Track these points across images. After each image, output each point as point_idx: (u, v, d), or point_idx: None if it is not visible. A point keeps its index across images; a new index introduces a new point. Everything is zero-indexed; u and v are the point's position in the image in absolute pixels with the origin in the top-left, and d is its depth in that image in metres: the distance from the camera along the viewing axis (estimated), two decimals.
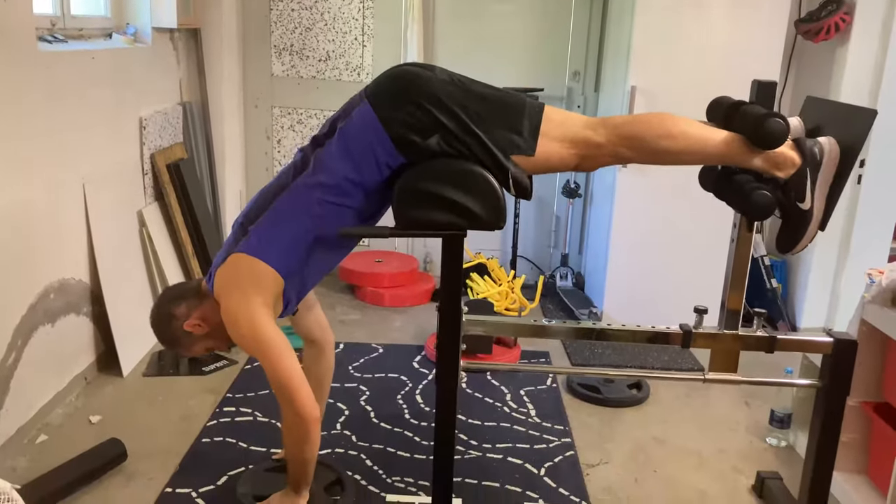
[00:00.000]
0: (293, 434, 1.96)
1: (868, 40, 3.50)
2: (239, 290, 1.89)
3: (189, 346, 2.09)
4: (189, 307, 2.03)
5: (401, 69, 1.88)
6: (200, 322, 2.03)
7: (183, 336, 2.05)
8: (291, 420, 1.93)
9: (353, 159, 1.84)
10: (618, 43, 3.83)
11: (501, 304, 3.87)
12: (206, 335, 2.06)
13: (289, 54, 4.26)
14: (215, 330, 2.02)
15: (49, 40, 2.79)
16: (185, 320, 2.03)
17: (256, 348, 1.90)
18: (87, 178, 2.95)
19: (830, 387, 2.07)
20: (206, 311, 2.02)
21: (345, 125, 1.86)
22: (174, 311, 2.04)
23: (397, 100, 1.81)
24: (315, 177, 1.86)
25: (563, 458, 2.64)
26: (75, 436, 2.62)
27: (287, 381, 1.89)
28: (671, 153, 1.88)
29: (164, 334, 2.09)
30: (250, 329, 1.88)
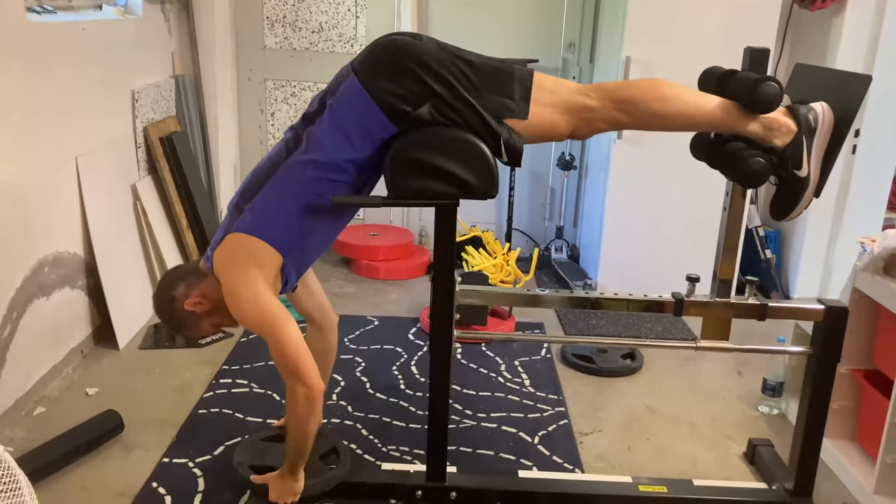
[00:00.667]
0: (297, 409, 1.91)
1: (863, 9, 3.48)
2: (238, 267, 1.88)
3: (195, 325, 2.06)
4: (188, 286, 2.01)
5: (388, 38, 1.87)
6: (201, 299, 2.00)
7: (187, 317, 2.03)
8: (296, 394, 1.89)
9: (345, 134, 1.83)
10: (613, 13, 3.80)
11: (496, 277, 3.88)
12: (210, 311, 2.02)
13: (281, 26, 4.23)
14: (218, 306, 1.99)
15: (38, 11, 2.76)
16: (185, 300, 2.00)
17: (260, 323, 1.87)
18: (79, 152, 2.93)
19: (821, 354, 2.09)
20: (205, 289, 2.00)
21: (334, 101, 1.85)
22: (174, 292, 2.01)
23: (387, 69, 1.79)
24: (308, 154, 1.85)
25: (556, 426, 2.67)
26: (72, 408, 2.63)
27: (292, 353, 1.87)
28: (665, 117, 1.87)
29: (169, 318, 2.06)
30: (253, 305, 1.86)
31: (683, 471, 2.47)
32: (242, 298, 1.87)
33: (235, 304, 1.89)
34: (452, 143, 1.80)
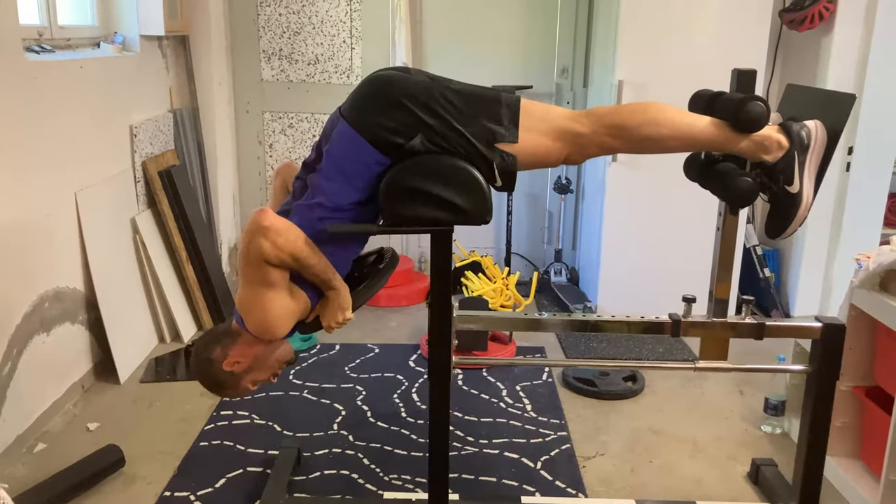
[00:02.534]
0: (270, 250, 1.77)
1: (852, 28, 3.53)
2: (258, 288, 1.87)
3: (236, 385, 2.03)
4: (224, 347, 1.99)
5: (375, 75, 1.89)
6: (239, 359, 1.98)
7: (227, 377, 2.01)
8: (260, 247, 1.77)
9: (344, 177, 1.85)
10: (605, 38, 3.85)
11: (496, 301, 3.88)
12: (248, 369, 2.01)
13: (278, 59, 4.28)
14: (256, 362, 2.00)
15: (36, 50, 2.80)
16: (223, 361, 1.98)
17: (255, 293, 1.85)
18: (78, 187, 2.96)
19: (820, 371, 2.08)
20: (241, 347, 1.98)
21: (329, 146, 1.87)
22: (211, 356, 2.00)
23: (376, 105, 1.82)
24: (313, 199, 1.87)
25: (559, 451, 2.66)
26: (74, 443, 2.63)
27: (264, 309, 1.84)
28: (657, 140, 1.89)
29: (210, 381, 2.04)
30: (259, 297, 1.84)
31: (687, 492, 2.45)
32: (252, 300, 1.86)
33: (245, 306, 1.89)
34: (445, 170, 1.82)
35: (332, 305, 1.91)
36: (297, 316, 1.91)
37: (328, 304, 1.92)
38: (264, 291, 1.83)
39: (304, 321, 1.95)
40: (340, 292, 1.91)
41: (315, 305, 1.93)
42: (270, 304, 1.84)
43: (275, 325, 1.87)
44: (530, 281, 4.17)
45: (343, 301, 1.91)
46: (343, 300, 1.91)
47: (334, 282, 1.90)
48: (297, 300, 1.88)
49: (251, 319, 1.89)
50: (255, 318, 1.88)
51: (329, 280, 1.88)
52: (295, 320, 1.91)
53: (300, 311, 1.90)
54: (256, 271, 1.81)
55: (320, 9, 4.20)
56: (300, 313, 1.91)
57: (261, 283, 1.82)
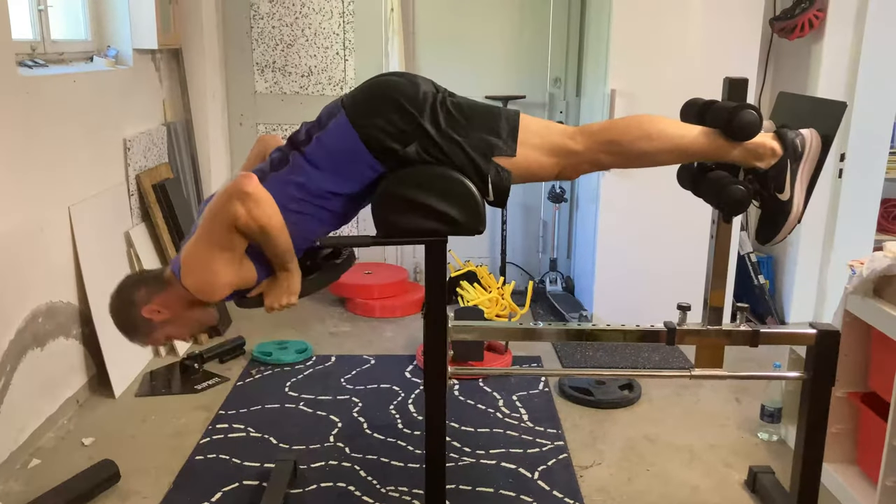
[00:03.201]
0: (244, 218, 1.75)
1: (842, 35, 3.55)
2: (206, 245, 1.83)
3: (149, 333, 1.98)
4: (150, 292, 1.94)
5: (382, 77, 1.90)
6: (160, 308, 1.93)
7: (142, 323, 1.95)
8: (235, 212, 1.74)
9: (330, 168, 1.84)
10: (596, 47, 3.86)
11: (492, 311, 3.88)
12: (166, 322, 1.96)
13: (271, 71, 4.29)
14: (177, 317, 1.95)
15: (30, 65, 2.80)
16: (144, 306, 1.93)
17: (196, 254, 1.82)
18: (72, 201, 2.96)
19: (815, 378, 2.09)
20: (167, 298, 1.93)
21: (322, 135, 1.86)
22: (133, 297, 1.95)
23: (378, 107, 1.82)
24: (293, 176, 1.85)
25: (556, 460, 2.65)
26: (68, 459, 2.61)
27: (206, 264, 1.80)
28: (650, 154, 1.90)
29: (124, 322, 1.99)
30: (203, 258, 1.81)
31: (684, 500, 2.45)
32: (195, 259, 1.83)
33: (187, 264, 1.85)
34: (438, 181, 1.82)
35: (280, 286, 1.88)
36: (239, 287, 1.88)
37: (276, 285, 1.89)
38: (219, 254, 1.79)
39: (244, 294, 1.92)
40: (293, 276, 1.88)
41: (260, 281, 1.90)
42: (219, 267, 1.80)
43: (215, 289, 1.84)
44: (526, 290, 4.17)
45: (293, 285, 1.89)
46: (293, 285, 1.89)
47: (290, 264, 1.87)
48: (245, 272, 1.85)
49: (193, 276, 1.84)
50: (198, 276, 1.83)
51: (287, 262, 1.86)
52: (234, 290, 1.88)
53: (243, 283, 1.87)
54: (220, 233, 1.77)
55: (313, 21, 4.22)
56: (242, 285, 1.88)
57: (219, 245, 1.79)
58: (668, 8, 3.55)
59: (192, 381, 3.22)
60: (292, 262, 1.87)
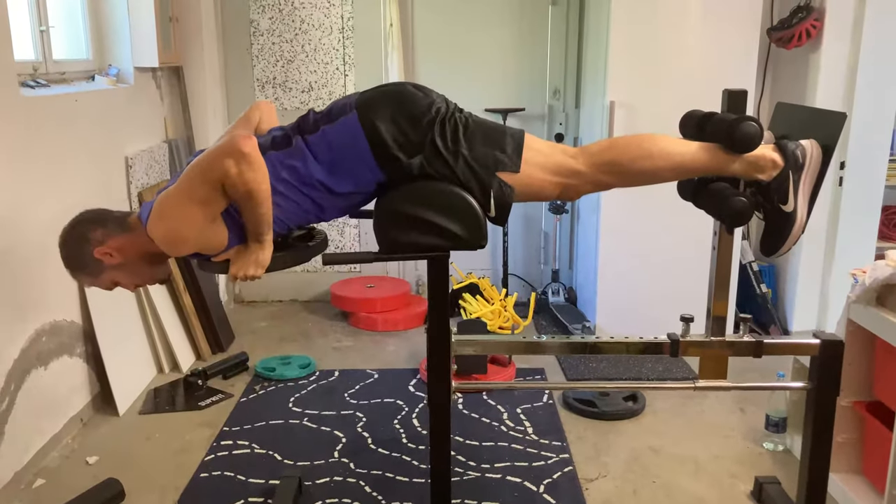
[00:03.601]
0: (232, 175, 1.71)
1: (839, 45, 3.56)
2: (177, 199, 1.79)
3: (96, 274, 1.94)
4: (105, 234, 1.89)
5: (399, 85, 1.90)
6: (113, 252, 1.88)
7: (91, 263, 1.91)
8: (224, 168, 1.70)
9: (329, 164, 1.84)
10: (595, 59, 3.88)
11: (495, 323, 3.88)
12: (117, 267, 1.91)
13: (272, 87, 4.31)
14: (129, 264, 1.91)
15: (32, 85, 2.82)
16: (97, 246, 1.89)
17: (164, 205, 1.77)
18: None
19: (820, 388, 2.08)
20: (125, 242, 1.89)
21: (329, 128, 1.85)
22: (88, 234, 1.90)
23: (391, 113, 1.81)
24: (291, 160, 1.84)
25: (561, 473, 2.64)
26: (72, 478, 2.61)
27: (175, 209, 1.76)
28: (651, 173, 1.91)
29: (71, 257, 1.94)
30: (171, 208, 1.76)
31: None
32: (165, 207, 1.79)
33: (155, 214, 1.80)
34: (440, 196, 1.83)
35: (249, 256, 1.84)
36: (205, 249, 1.84)
37: (246, 254, 1.84)
38: (196, 207, 1.75)
39: (209, 258, 1.88)
40: (265, 249, 1.84)
41: (229, 248, 1.86)
42: (192, 221, 1.76)
43: (181, 243, 1.80)
44: (528, 302, 4.17)
45: (262, 258, 1.84)
46: (263, 257, 1.84)
47: (265, 236, 1.83)
48: (216, 233, 1.82)
49: (162, 225, 1.78)
50: (167, 226, 1.78)
51: (262, 234, 1.82)
52: (198, 250, 1.84)
53: (211, 246, 1.84)
54: (204, 187, 1.73)
55: (313, 37, 4.24)
56: (210, 248, 1.84)
57: (198, 198, 1.74)
58: (666, 19, 3.57)
59: (195, 398, 3.22)
60: (268, 234, 1.82)
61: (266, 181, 1.75)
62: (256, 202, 1.75)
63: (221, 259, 1.87)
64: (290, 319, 4.25)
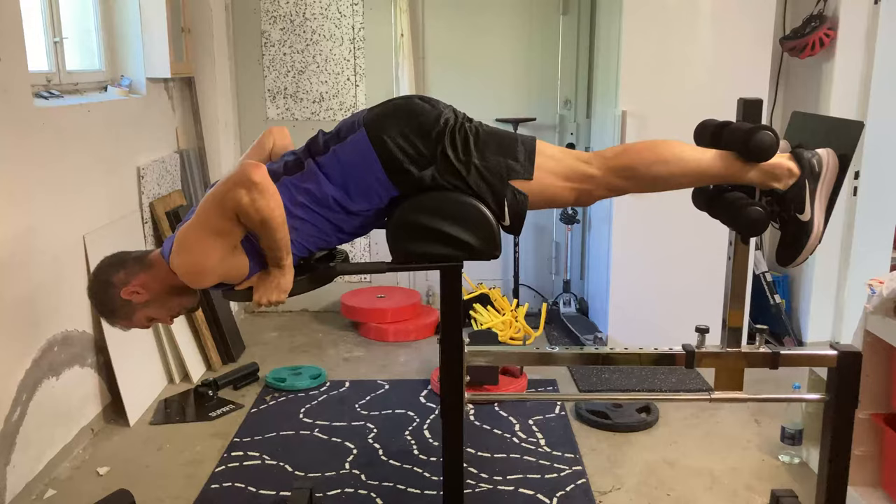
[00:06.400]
0: (245, 204, 1.72)
1: (853, 54, 3.54)
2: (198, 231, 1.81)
3: (128, 315, 1.95)
4: (128, 273, 1.91)
5: (405, 99, 1.90)
6: (140, 289, 1.90)
7: (122, 305, 1.92)
8: (236, 197, 1.72)
9: (343, 183, 1.84)
10: (606, 69, 3.87)
11: (506, 334, 3.86)
12: (146, 304, 1.93)
13: (283, 97, 4.32)
14: (157, 298, 1.93)
15: (45, 96, 2.83)
16: (122, 287, 1.90)
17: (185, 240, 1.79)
18: (87, 230, 2.97)
19: (838, 400, 2.05)
20: (149, 278, 1.91)
21: (339, 147, 1.85)
22: (111, 278, 1.91)
23: (400, 127, 1.81)
24: (305, 183, 1.84)
25: (574, 486, 2.62)
26: (83, 489, 2.60)
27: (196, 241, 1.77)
28: (666, 178, 1.89)
29: (102, 303, 1.96)
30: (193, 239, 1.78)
31: None
32: (186, 239, 1.80)
33: (178, 245, 1.82)
34: (453, 206, 1.82)
35: (271, 282, 1.85)
36: (227, 278, 1.85)
37: (268, 280, 1.85)
38: (214, 239, 1.76)
39: (232, 286, 1.89)
40: (286, 273, 1.85)
41: (251, 276, 1.87)
42: (212, 253, 1.77)
43: (204, 276, 1.80)
44: (539, 312, 4.15)
45: (284, 283, 1.85)
46: (285, 282, 1.85)
47: (285, 261, 1.83)
48: (237, 263, 1.83)
49: (183, 258, 1.80)
50: (189, 259, 1.80)
51: (281, 259, 1.82)
52: (222, 280, 1.85)
53: (233, 275, 1.84)
54: (219, 218, 1.75)
55: (324, 48, 4.25)
56: (232, 276, 1.85)
57: (216, 230, 1.76)
58: (678, 29, 3.56)
59: (206, 409, 3.21)
60: (287, 259, 1.83)
61: (279, 207, 1.77)
62: (272, 229, 1.76)
63: (244, 287, 1.88)
64: (301, 330, 4.24)
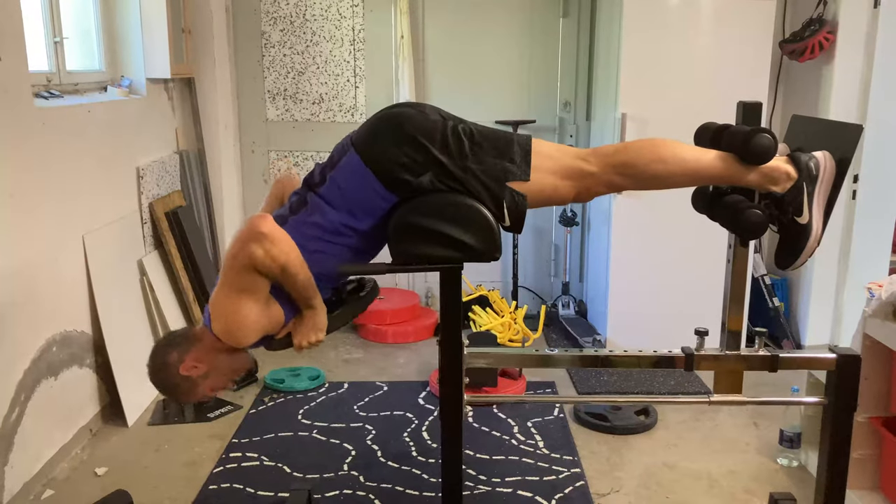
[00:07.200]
0: (266, 260, 1.76)
1: (852, 57, 3.55)
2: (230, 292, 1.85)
3: (191, 390, 1.99)
4: (181, 351, 1.96)
5: (391, 110, 1.90)
6: (196, 363, 1.95)
7: (183, 382, 1.97)
8: (253, 253, 1.75)
9: (347, 207, 1.85)
10: (606, 72, 3.88)
11: (505, 336, 3.86)
12: (205, 375, 1.97)
13: (283, 98, 4.32)
14: (214, 368, 1.96)
15: (45, 96, 2.83)
16: (179, 366, 1.95)
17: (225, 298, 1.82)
18: (86, 230, 2.97)
19: (837, 403, 2.05)
20: (200, 352, 1.95)
21: (335, 173, 1.87)
22: (167, 360, 1.97)
23: (389, 140, 1.82)
24: (312, 217, 1.86)
25: (573, 488, 2.62)
26: (81, 489, 2.60)
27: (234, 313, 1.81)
28: (665, 177, 1.89)
29: (164, 385, 2.01)
30: (230, 301, 1.82)
31: None
32: (222, 303, 1.84)
33: (216, 309, 1.85)
34: (453, 208, 1.82)
35: (307, 324, 1.89)
36: (268, 329, 1.88)
37: (303, 323, 1.89)
38: (243, 298, 1.80)
39: (273, 336, 1.92)
40: (318, 312, 1.88)
41: (288, 322, 1.90)
42: (246, 311, 1.81)
43: (244, 333, 1.84)
44: (538, 314, 4.15)
45: (319, 322, 1.89)
46: (319, 321, 1.89)
47: (314, 301, 1.87)
48: (272, 313, 1.85)
49: (221, 323, 1.84)
50: (225, 322, 1.83)
51: (310, 298, 1.86)
52: (265, 332, 1.88)
53: (272, 325, 1.88)
54: (241, 276, 1.78)
55: (324, 49, 4.25)
56: (272, 327, 1.88)
57: (242, 288, 1.79)
58: (678, 32, 3.56)
59: (204, 409, 3.21)
60: (315, 298, 1.87)
61: (294, 250, 1.79)
62: (292, 273, 1.79)
63: (283, 335, 1.91)
64: None
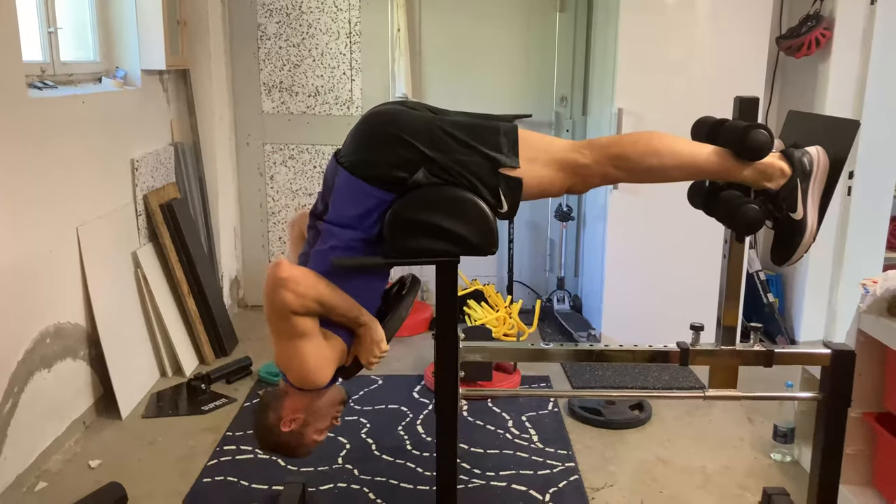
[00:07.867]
0: (293, 303, 1.77)
1: (849, 54, 3.55)
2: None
3: (302, 441, 2.01)
4: (275, 410, 1.98)
5: (374, 112, 1.90)
6: (293, 416, 1.97)
7: (290, 438, 1.99)
8: (284, 300, 1.77)
9: (354, 222, 1.85)
10: (603, 66, 3.87)
11: (500, 330, 3.86)
12: (307, 423, 1.99)
13: (278, 91, 4.30)
14: (311, 413, 1.98)
15: (39, 87, 2.81)
16: (279, 423, 1.97)
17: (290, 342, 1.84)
18: (80, 222, 2.96)
19: (831, 399, 2.06)
20: (291, 404, 1.97)
21: (333, 197, 1.88)
22: (267, 423, 1.99)
23: (377, 143, 1.82)
24: (327, 243, 1.88)
25: (567, 482, 2.62)
26: (75, 482, 2.59)
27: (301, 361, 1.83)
28: (659, 170, 1.89)
29: (278, 447, 2.03)
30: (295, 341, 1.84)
31: None
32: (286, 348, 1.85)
33: (282, 356, 1.87)
34: (449, 202, 1.81)
35: (365, 341, 1.91)
36: (337, 360, 1.90)
37: (362, 341, 1.91)
38: (299, 343, 1.82)
39: (343, 366, 1.94)
40: (371, 327, 1.91)
41: (350, 347, 1.93)
42: (307, 354, 1.83)
43: (316, 374, 1.86)
44: (533, 309, 4.15)
45: (375, 335, 1.91)
46: (375, 334, 1.91)
47: (362, 318, 1.89)
48: (333, 345, 1.88)
49: (292, 373, 1.87)
50: (295, 370, 1.86)
51: (357, 317, 1.88)
52: (335, 365, 1.90)
53: (338, 356, 1.90)
54: (286, 324, 1.79)
55: (320, 42, 4.24)
56: (338, 357, 1.90)
57: (293, 335, 1.81)
58: (675, 27, 3.56)
59: (199, 402, 3.20)
60: (362, 315, 1.89)
61: (319, 281, 1.81)
62: (328, 301, 1.81)
63: (351, 360, 1.94)
64: None
